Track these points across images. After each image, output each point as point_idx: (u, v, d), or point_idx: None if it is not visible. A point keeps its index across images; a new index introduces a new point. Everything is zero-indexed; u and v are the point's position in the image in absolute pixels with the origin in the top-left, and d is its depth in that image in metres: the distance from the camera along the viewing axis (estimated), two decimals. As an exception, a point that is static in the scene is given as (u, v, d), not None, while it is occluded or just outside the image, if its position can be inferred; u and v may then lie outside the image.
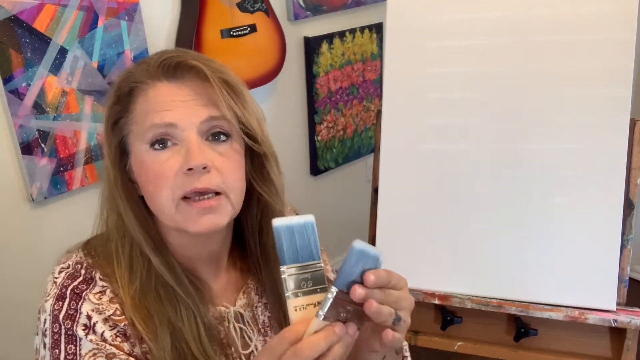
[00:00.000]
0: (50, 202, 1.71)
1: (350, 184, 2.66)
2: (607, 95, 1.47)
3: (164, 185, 0.72)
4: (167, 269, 0.76)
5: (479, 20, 1.54)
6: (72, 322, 0.72)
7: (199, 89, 0.73)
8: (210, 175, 0.71)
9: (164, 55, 0.74)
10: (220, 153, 0.73)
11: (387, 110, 1.61)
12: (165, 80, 0.73)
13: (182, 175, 0.71)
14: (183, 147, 0.72)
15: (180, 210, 0.72)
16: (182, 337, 0.74)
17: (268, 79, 2.06)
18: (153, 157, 0.72)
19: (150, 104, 0.72)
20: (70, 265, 0.77)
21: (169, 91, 0.72)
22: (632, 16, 1.44)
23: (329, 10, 2.27)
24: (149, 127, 0.72)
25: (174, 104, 0.72)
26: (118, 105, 0.76)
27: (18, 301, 1.60)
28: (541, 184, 1.52)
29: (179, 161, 0.71)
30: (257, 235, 0.84)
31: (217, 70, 0.73)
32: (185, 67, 0.73)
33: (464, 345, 1.60)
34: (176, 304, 0.76)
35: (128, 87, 0.75)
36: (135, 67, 0.76)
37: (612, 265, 1.49)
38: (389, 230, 1.62)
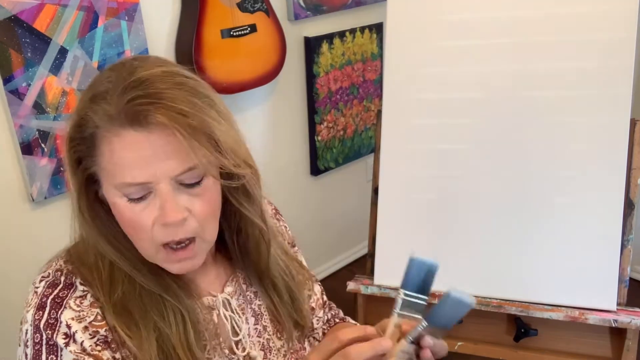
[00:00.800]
0: (50, 202, 1.71)
1: (350, 184, 2.66)
2: (607, 95, 1.47)
3: (142, 235, 0.72)
4: (151, 279, 0.76)
5: (479, 21, 1.54)
6: (52, 332, 0.72)
7: (168, 137, 0.67)
8: (187, 224, 0.71)
9: (126, 95, 0.66)
10: (195, 195, 0.71)
11: (387, 110, 1.61)
12: (129, 128, 0.66)
13: (159, 226, 0.70)
14: (157, 199, 0.69)
15: (160, 254, 0.74)
16: (169, 342, 0.74)
17: (268, 79, 2.06)
18: (127, 207, 0.71)
19: (118, 158, 0.68)
20: (50, 274, 0.77)
21: (136, 143, 0.67)
22: (632, 16, 1.44)
23: (329, 10, 2.27)
24: (120, 185, 0.69)
25: (145, 160, 0.67)
26: (81, 145, 0.71)
27: (18, 301, 1.60)
28: (541, 184, 1.52)
29: (154, 213, 0.70)
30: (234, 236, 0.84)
31: (184, 113, 0.66)
32: (149, 118, 0.66)
33: (464, 345, 1.60)
34: (163, 310, 0.76)
35: (89, 131, 0.69)
36: (94, 106, 0.68)
37: (612, 265, 1.49)
38: (389, 230, 1.62)
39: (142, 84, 0.67)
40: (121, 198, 0.70)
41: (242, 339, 0.84)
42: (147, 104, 0.66)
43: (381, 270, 1.63)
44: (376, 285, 1.61)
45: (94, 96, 0.69)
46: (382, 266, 1.63)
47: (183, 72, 0.72)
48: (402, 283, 0.75)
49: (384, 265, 1.62)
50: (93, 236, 0.76)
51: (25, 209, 1.68)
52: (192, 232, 0.72)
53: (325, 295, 1.06)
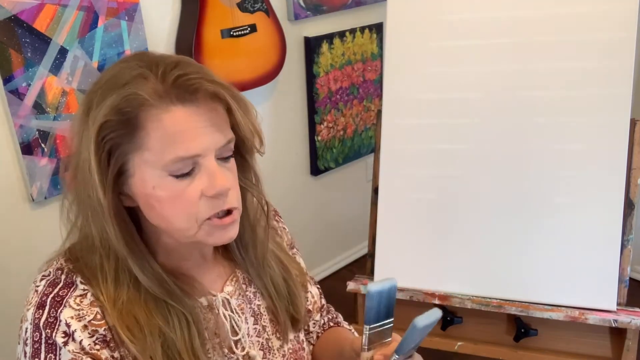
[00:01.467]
0: (50, 202, 1.71)
1: (350, 184, 2.66)
2: (607, 95, 1.47)
3: (187, 210, 0.72)
4: (156, 284, 0.76)
5: (479, 21, 1.54)
6: (51, 330, 0.72)
7: (212, 111, 0.71)
8: (231, 195, 0.74)
9: (171, 75, 0.69)
10: (229, 170, 0.75)
11: (387, 110, 1.61)
12: (179, 104, 0.69)
13: (206, 199, 0.72)
14: (204, 173, 0.72)
15: (202, 229, 0.74)
16: (174, 347, 0.75)
17: (268, 79, 2.06)
18: (172, 184, 0.71)
19: (170, 134, 0.69)
20: (51, 273, 0.77)
21: (187, 117, 0.69)
22: (632, 16, 1.44)
23: (329, 10, 2.27)
24: (173, 160, 0.69)
25: (196, 132, 0.70)
26: (120, 130, 0.70)
27: (18, 301, 1.60)
28: (541, 184, 1.52)
29: (201, 186, 0.72)
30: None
31: (226, 87, 0.72)
32: (200, 90, 0.70)
33: (464, 345, 1.60)
34: (167, 315, 0.76)
35: (133, 113, 0.69)
36: (138, 86, 0.69)
37: (612, 265, 1.49)
38: (389, 230, 1.62)
39: (177, 65, 0.71)
40: (165, 178, 0.71)
41: (242, 338, 0.84)
42: (194, 79, 0.69)
43: (381, 270, 1.63)
44: (376, 285, 1.61)
45: (128, 82, 0.70)
46: (382, 266, 1.63)
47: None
48: (365, 319, 0.75)
49: (384, 265, 1.62)
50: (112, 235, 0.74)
51: (25, 209, 1.68)
52: (235, 201, 0.75)
53: (323, 299, 1.05)
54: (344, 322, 1.10)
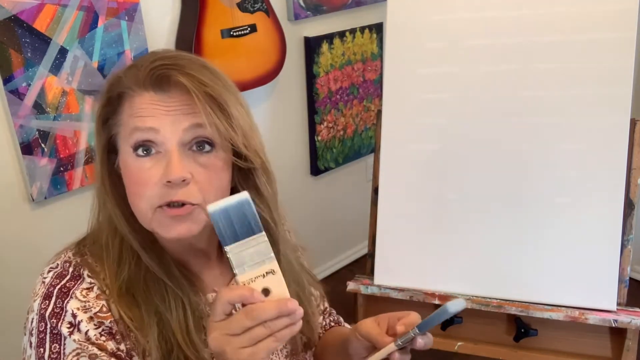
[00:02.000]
0: (50, 202, 1.71)
1: (350, 184, 2.66)
2: (607, 95, 1.47)
3: (143, 194, 0.73)
4: (157, 263, 0.77)
5: (479, 21, 1.54)
6: (57, 320, 0.73)
7: (184, 100, 0.73)
8: (188, 189, 0.72)
9: (154, 63, 0.73)
10: (201, 164, 0.74)
11: (387, 110, 1.61)
12: (152, 90, 0.73)
13: (161, 185, 0.72)
14: (165, 157, 0.72)
15: (155, 217, 0.74)
16: (169, 327, 0.75)
17: (268, 79, 2.06)
18: (136, 164, 0.73)
19: (135, 110, 0.73)
20: (58, 265, 0.78)
21: (154, 100, 0.73)
22: (632, 16, 1.44)
23: (329, 10, 2.27)
24: (132, 130, 0.73)
25: (157, 112, 0.73)
26: (108, 106, 0.77)
27: (18, 301, 1.60)
28: (542, 184, 1.52)
29: (159, 171, 0.72)
30: None
31: (203, 83, 0.72)
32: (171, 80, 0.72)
33: (464, 346, 1.60)
34: (165, 295, 0.77)
35: (117, 91, 0.76)
36: (126, 72, 0.76)
37: (612, 265, 1.49)
38: (389, 230, 1.62)
39: (171, 57, 0.75)
40: (131, 155, 0.74)
41: None
42: (171, 69, 0.72)
43: (381, 270, 1.63)
44: (376, 285, 1.61)
45: (128, 67, 0.77)
46: (382, 266, 1.62)
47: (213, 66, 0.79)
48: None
49: (384, 265, 1.62)
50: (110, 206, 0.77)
51: (25, 209, 1.68)
52: (191, 197, 0.72)
53: (326, 302, 1.06)
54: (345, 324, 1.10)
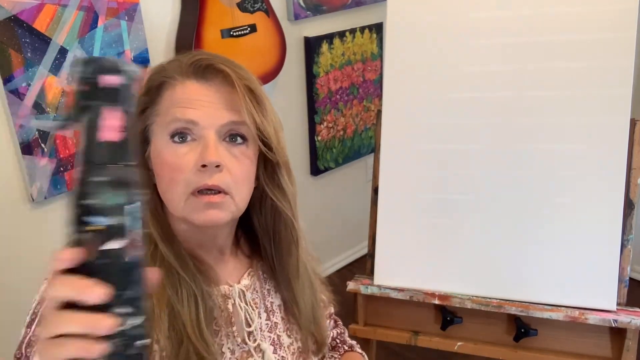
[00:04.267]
0: (50, 202, 1.71)
1: (350, 184, 2.66)
2: (607, 95, 1.47)
3: (178, 178, 0.75)
4: (173, 254, 0.79)
5: (479, 21, 1.54)
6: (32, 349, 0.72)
7: (224, 92, 0.76)
8: (222, 175, 0.75)
9: (196, 56, 0.77)
10: (234, 155, 0.77)
11: (387, 110, 1.61)
12: (194, 79, 0.76)
13: (195, 170, 0.74)
14: (200, 144, 0.75)
15: (188, 202, 0.75)
16: (179, 318, 0.76)
17: (268, 79, 2.06)
18: (172, 150, 0.75)
19: (176, 99, 0.76)
20: None
21: (196, 90, 0.76)
22: (632, 16, 1.44)
23: (329, 10, 2.27)
24: (171, 120, 0.75)
25: (198, 103, 0.75)
26: (147, 96, 0.79)
27: (17, 301, 1.60)
28: (541, 184, 1.52)
29: (194, 157, 0.74)
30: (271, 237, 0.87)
31: (244, 77, 0.76)
32: (214, 70, 0.76)
33: (464, 346, 1.60)
34: (178, 287, 0.78)
35: (159, 80, 0.78)
36: (168, 63, 0.80)
37: (612, 265, 1.48)
38: (389, 230, 1.62)
39: (212, 54, 0.79)
40: (168, 142, 0.75)
41: (254, 330, 0.86)
42: (214, 61, 0.76)
43: (381, 270, 1.63)
44: (376, 285, 1.61)
45: (172, 59, 0.80)
46: (382, 266, 1.62)
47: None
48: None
49: (384, 265, 1.62)
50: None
51: (25, 209, 1.68)
52: (224, 183, 0.75)
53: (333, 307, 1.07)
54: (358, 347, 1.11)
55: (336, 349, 1.08)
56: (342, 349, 1.08)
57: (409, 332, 1.63)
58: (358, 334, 1.66)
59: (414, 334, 1.63)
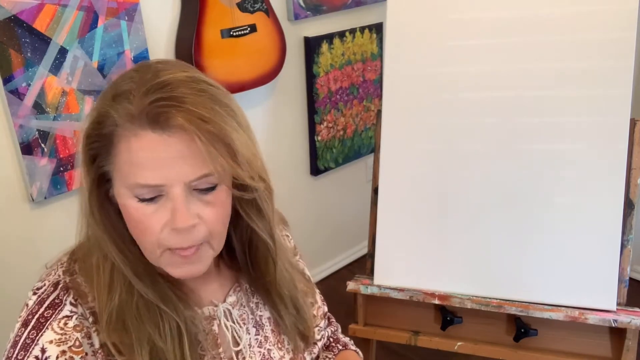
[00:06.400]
0: (50, 202, 1.71)
1: (350, 184, 2.66)
2: (607, 95, 1.47)
3: (149, 237, 0.71)
4: (151, 289, 0.75)
5: (479, 21, 1.54)
6: (25, 353, 0.71)
7: (186, 142, 0.66)
8: (197, 231, 0.71)
9: (147, 96, 0.66)
10: (207, 202, 0.71)
11: (387, 110, 1.61)
12: (149, 129, 0.66)
13: (168, 230, 0.70)
14: (169, 202, 0.69)
15: (164, 257, 0.73)
16: (162, 355, 0.73)
17: (268, 79, 2.06)
18: (138, 207, 0.70)
19: (134, 158, 0.67)
20: (45, 287, 0.76)
21: (154, 145, 0.66)
22: (632, 16, 1.44)
23: (329, 10, 2.27)
24: (133, 185, 0.68)
25: (161, 162, 0.67)
26: (98, 142, 0.71)
27: (18, 301, 1.60)
28: (541, 184, 1.52)
29: (165, 216, 0.69)
30: (247, 248, 0.84)
31: (205, 119, 0.66)
32: (170, 120, 0.66)
33: (464, 345, 1.60)
34: (159, 322, 0.74)
35: (108, 129, 0.69)
36: (115, 106, 0.68)
37: (612, 265, 1.49)
38: (389, 231, 1.62)
39: (165, 86, 0.67)
40: (132, 199, 0.69)
41: (243, 349, 0.84)
42: (169, 106, 0.66)
43: (381, 270, 1.63)
44: (376, 285, 1.61)
45: (116, 95, 0.69)
46: (382, 266, 1.62)
47: (206, 79, 0.72)
48: None
49: (383, 265, 1.62)
50: (99, 235, 0.74)
51: (25, 209, 1.68)
52: (200, 239, 0.71)
53: (326, 306, 1.06)
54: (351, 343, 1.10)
55: (330, 348, 1.07)
56: (336, 349, 1.06)
57: (409, 332, 1.63)
58: (358, 334, 1.66)
59: (413, 334, 1.63)
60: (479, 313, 1.57)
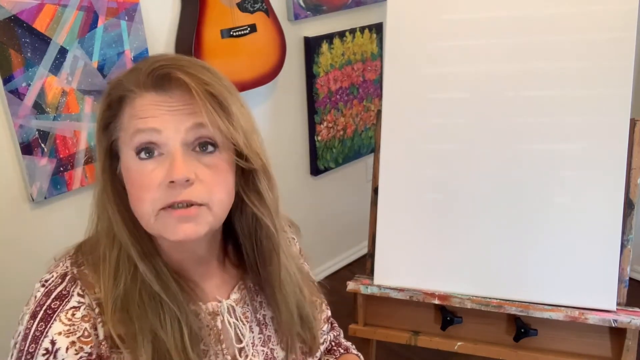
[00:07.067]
0: (50, 202, 1.71)
1: (350, 184, 2.66)
2: (607, 95, 1.47)
3: (145, 196, 0.72)
4: (154, 275, 0.76)
5: (479, 21, 1.54)
6: (35, 345, 0.72)
7: (185, 100, 0.72)
8: (193, 189, 0.71)
9: (155, 64, 0.73)
10: (206, 165, 0.73)
11: (387, 110, 1.61)
12: (152, 90, 0.73)
13: (164, 187, 0.71)
14: (168, 159, 0.71)
15: (158, 219, 0.72)
16: (163, 346, 0.74)
17: (268, 79, 2.06)
18: (138, 167, 0.72)
19: (136, 112, 0.73)
20: (52, 279, 0.77)
21: (155, 101, 0.72)
22: (632, 16, 1.44)
23: (329, 10, 2.27)
24: (134, 132, 0.72)
25: (159, 112, 0.72)
26: (109, 111, 0.76)
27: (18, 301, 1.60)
28: (541, 184, 1.52)
29: (162, 173, 0.71)
30: (253, 241, 0.84)
31: (205, 82, 0.72)
32: (172, 78, 0.72)
33: (464, 345, 1.60)
34: (160, 312, 0.75)
35: (117, 94, 0.75)
36: (126, 75, 0.76)
37: (612, 265, 1.48)
38: (389, 231, 1.62)
39: (171, 59, 0.75)
40: (134, 159, 0.73)
41: (246, 346, 0.84)
42: (172, 67, 0.72)
43: (381, 270, 1.63)
44: (376, 285, 1.61)
45: (129, 71, 0.77)
46: (382, 266, 1.62)
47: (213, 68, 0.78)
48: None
49: (383, 265, 1.62)
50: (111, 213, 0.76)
51: (25, 209, 1.68)
52: (197, 197, 0.72)
53: (329, 310, 1.06)
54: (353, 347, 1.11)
55: (332, 352, 1.07)
56: (337, 352, 1.07)
57: (409, 332, 1.63)
58: (358, 334, 1.66)
59: (413, 334, 1.63)
60: (479, 313, 1.57)
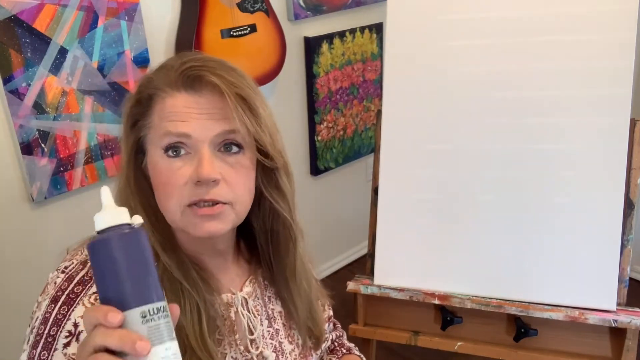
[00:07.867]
0: (50, 202, 1.71)
1: (350, 184, 2.66)
2: (607, 95, 1.47)
3: (172, 193, 0.74)
4: (175, 264, 0.78)
5: (479, 21, 1.54)
6: (57, 328, 0.72)
7: (215, 102, 0.74)
8: (219, 188, 0.74)
9: (185, 64, 0.75)
10: (230, 165, 0.76)
11: (387, 110, 1.61)
12: (183, 90, 0.75)
13: (191, 185, 0.73)
14: (195, 158, 0.74)
15: (184, 215, 0.75)
16: (182, 330, 0.75)
17: (268, 79, 2.06)
18: (166, 164, 0.75)
19: (167, 113, 0.75)
20: (73, 265, 0.78)
21: (186, 102, 0.74)
22: (632, 16, 1.44)
23: (329, 10, 2.27)
24: (164, 134, 0.74)
25: (190, 116, 0.74)
26: (138, 108, 0.78)
27: (18, 301, 1.60)
28: (541, 184, 1.52)
29: (189, 171, 0.73)
30: (269, 237, 0.87)
31: (235, 84, 0.74)
32: (203, 80, 0.74)
33: (464, 345, 1.60)
34: (180, 297, 0.77)
35: (147, 92, 0.77)
36: (156, 73, 0.78)
37: (612, 265, 1.48)
38: (389, 231, 1.62)
39: (200, 59, 0.77)
40: (162, 157, 0.75)
41: (257, 338, 0.86)
42: (202, 70, 0.74)
43: (381, 270, 1.63)
44: (376, 285, 1.61)
45: (159, 68, 0.79)
46: (382, 266, 1.62)
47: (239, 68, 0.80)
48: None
49: (383, 265, 1.62)
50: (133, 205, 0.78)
51: (25, 209, 1.68)
52: (222, 196, 0.74)
53: (331, 310, 1.07)
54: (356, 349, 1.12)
55: (334, 352, 1.09)
56: (340, 352, 1.08)
57: (409, 332, 1.63)
58: (358, 334, 1.66)
59: (414, 334, 1.63)
60: (479, 313, 1.57)
